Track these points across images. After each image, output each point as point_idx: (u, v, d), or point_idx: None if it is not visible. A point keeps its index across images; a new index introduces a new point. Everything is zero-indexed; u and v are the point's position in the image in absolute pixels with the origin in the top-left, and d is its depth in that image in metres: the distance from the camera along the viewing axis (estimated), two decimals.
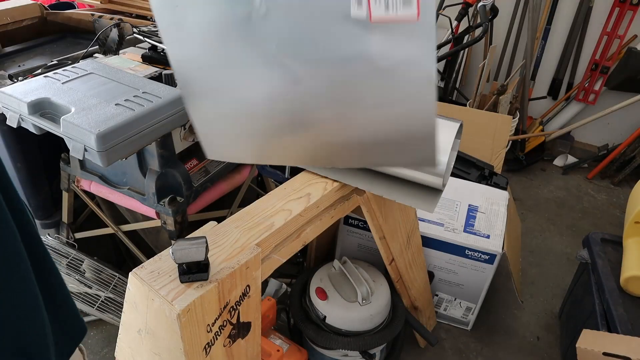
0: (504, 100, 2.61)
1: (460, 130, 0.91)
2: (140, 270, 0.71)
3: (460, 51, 3.08)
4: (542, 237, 2.39)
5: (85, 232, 1.61)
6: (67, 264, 1.51)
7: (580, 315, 1.64)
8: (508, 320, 1.90)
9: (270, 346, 1.31)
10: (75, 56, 1.58)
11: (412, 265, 1.45)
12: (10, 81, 1.41)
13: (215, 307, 0.71)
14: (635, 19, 2.68)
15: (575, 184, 2.88)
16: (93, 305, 1.49)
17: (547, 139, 3.03)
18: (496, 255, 1.55)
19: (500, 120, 2.19)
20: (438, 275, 1.70)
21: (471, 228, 1.61)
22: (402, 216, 1.28)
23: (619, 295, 1.43)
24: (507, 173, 2.87)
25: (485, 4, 2.27)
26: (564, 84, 3.07)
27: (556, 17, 2.90)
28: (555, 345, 1.80)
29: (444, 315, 1.84)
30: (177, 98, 1.18)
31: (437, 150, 0.64)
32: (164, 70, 1.38)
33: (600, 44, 2.84)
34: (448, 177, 0.95)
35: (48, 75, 1.24)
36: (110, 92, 1.18)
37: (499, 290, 1.98)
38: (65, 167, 1.44)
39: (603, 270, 1.52)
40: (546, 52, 3.01)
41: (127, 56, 1.52)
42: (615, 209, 2.63)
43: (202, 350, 0.71)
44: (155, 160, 1.25)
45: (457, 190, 1.78)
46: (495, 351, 1.77)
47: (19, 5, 1.97)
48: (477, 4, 2.40)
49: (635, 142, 2.77)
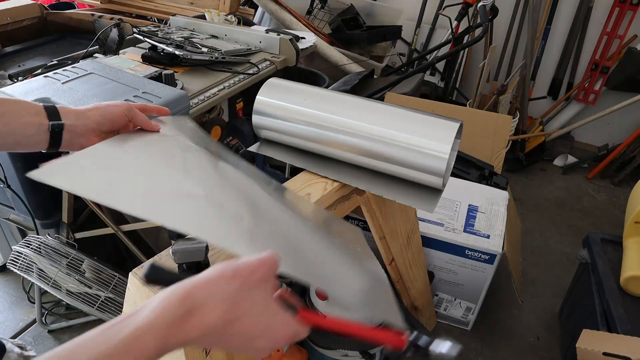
0: (504, 100, 2.61)
1: (460, 130, 0.91)
2: (140, 270, 0.71)
3: (460, 51, 3.08)
4: (542, 237, 2.39)
5: (85, 232, 1.60)
6: (67, 264, 1.51)
7: (580, 315, 1.64)
8: (508, 320, 1.90)
9: None
10: (75, 56, 1.58)
11: (412, 265, 1.45)
12: (10, 81, 1.40)
13: None
14: (635, 19, 2.68)
15: (575, 184, 2.88)
16: (93, 305, 1.49)
17: (547, 139, 3.03)
18: (496, 255, 1.55)
19: (500, 120, 2.19)
20: (438, 275, 1.70)
21: (471, 228, 1.61)
22: (402, 216, 1.28)
23: (619, 295, 1.43)
24: (507, 173, 2.86)
25: (485, 4, 2.27)
26: (564, 84, 3.07)
27: (556, 17, 2.90)
28: (555, 345, 1.80)
29: (444, 315, 1.84)
30: (177, 98, 1.18)
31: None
32: (164, 70, 1.38)
33: (600, 44, 2.84)
34: (448, 177, 0.95)
35: (48, 75, 1.24)
36: (110, 92, 1.18)
37: (499, 290, 1.98)
38: None
39: (603, 270, 1.52)
40: (546, 52, 3.01)
41: (127, 56, 1.52)
42: (615, 209, 2.63)
43: (202, 351, 0.71)
44: None
45: (457, 190, 1.78)
46: (495, 351, 1.77)
47: (19, 5, 1.97)
48: (477, 4, 2.39)
49: (635, 142, 2.76)
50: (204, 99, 1.36)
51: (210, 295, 0.43)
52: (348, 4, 3.06)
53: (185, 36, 1.62)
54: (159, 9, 2.23)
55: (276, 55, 1.67)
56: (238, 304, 0.44)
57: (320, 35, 2.80)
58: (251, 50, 1.66)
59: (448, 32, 2.85)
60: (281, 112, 1.00)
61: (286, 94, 1.01)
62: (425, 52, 2.90)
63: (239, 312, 0.44)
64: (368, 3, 3.21)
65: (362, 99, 1.00)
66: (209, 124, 1.44)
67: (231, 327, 0.44)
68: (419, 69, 2.42)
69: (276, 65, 1.63)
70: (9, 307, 1.79)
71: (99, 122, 0.68)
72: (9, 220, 1.67)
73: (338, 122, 0.95)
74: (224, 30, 1.75)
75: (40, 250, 1.51)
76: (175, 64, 1.47)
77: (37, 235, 1.54)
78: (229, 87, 1.44)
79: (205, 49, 1.52)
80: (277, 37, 1.68)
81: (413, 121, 0.92)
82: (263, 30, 1.82)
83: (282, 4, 2.69)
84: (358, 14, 3.01)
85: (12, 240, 1.77)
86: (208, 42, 1.63)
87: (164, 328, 0.40)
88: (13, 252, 1.53)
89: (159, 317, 0.40)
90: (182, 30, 1.73)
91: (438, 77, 3.25)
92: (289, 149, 1.05)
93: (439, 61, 2.76)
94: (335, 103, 0.98)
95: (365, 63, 2.77)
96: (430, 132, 0.89)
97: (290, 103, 0.99)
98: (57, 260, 1.50)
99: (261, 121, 1.02)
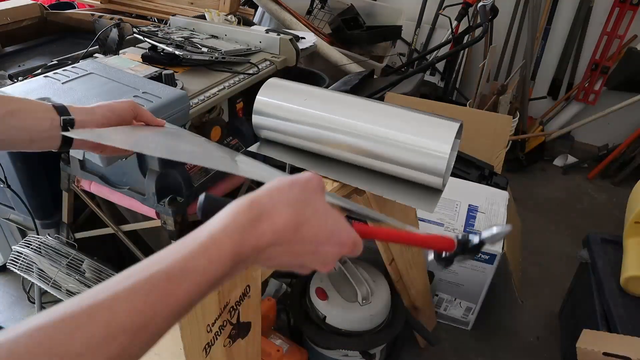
0: (504, 100, 2.61)
1: (461, 130, 0.91)
2: None
3: (460, 51, 3.08)
4: (542, 237, 2.39)
5: (85, 232, 1.60)
6: (67, 264, 1.51)
7: (580, 315, 1.64)
8: (508, 320, 1.90)
9: (270, 346, 1.32)
10: (75, 56, 1.58)
11: (412, 265, 1.45)
12: (10, 81, 1.40)
13: (215, 307, 0.71)
14: (635, 19, 2.68)
15: (575, 184, 2.88)
16: None
17: (547, 139, 3.03)
18: (496, 255, 1.55)
19: (500, 120, 2.19)
20: (438, 275, 1.70)
21: (471, 228, 1.61)
22: (402, 216, 1.28)
23: (619, 295, 1.43)
24: (507, 173, 2.86)
25: (485, 4, 2.27)
26: (564, 84, 3.07)
27: (556, 17, 2.90)
28: (555, 345, 1.80)
29: (444, 315, 1.84)
30: (177, 98, 1.18)
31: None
32: (164, 70, 1.38)
33: (600, 44, 2.84)
34: (448, 177, 0.95)
35: (48, 75, 1.24)
36: (110, 92, 1.17)
37: (499, 290, 1.98)
38: (66, 167, 1.44)
39: (603, 270, 1.52)
40: (546, 52, 3.01)
41: (127, 56, 1.52)
42: (615, 209, 2.63)
43: (202, 351, 0.71)
44: (155, 160, 1.25)
45: (457, 190, 1.78)
46: (495, 351, 1.77)
47: (19, 5, 1.97)
48: (477, 4, 2.39)
49: (635, 142, 2.76)
50: (204, 99, 1.36)
51: (276, 201, 0.44)
52: (348, 4, 3.06)
53: (185, 36, 1.62)
54: (159, 9, 2.23)
55: (276, 55, 1.67)
56: (303, 209, 0.45)
57: (320, 35, 2.80)
58: (251, 50, 1.65)
59: (448, 32, 2.85)
60: (281, 112, 0.99)
61: (286, 94, 1.01)
62: (425, 52, 2.90)
63: (304, 216, 0.45)
64: (368, 3, 3.20)
65: (362, 99, 1.00)
66: (209, 124, 1.44)
67: (300, 232, 0.44)
68: (419, 69, 2.43)
69: (276, 65, 1.63)
70: (9, 307, 1.80)
71: (107, 117, 0.69)
72: (9, 220, 1.67)
73: (338, 122, 0.95)
74: (224, 30, 1.75)
75: (40, 250, 1.51)
76: (175, 64, 1.47)
77: (37, 235, 1.54)
78: (229, 87, 1.44)
79: (205, 49, 1.52)
80: (277, 37, 1.68)
81: (413, 121, 0.92)
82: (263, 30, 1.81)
83: (282, 4, 2.69)
84: (358, 14, 3.01)
85: (12, 240, 1.77)
86: (208, 42, 1.63)
87: (238, 232, 0.41)
88: (13, 252, 1.53)
89: (231, 223, 0.42)
90: (182, 30, 1.73)
91: (438, 77, 3.25)
92: (289, 149, 1.05)
93: (439, 61, 2.76)
94: (335, 103, 0.98)
95: (365, 63, 2.77)
96: (430, 132, 0.89)
97: (290, 103, 0.99)
98: (57, 260, 1.50)
99: (261, 121, 1.02)
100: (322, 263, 0.47)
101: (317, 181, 0.48)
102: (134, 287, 0.35)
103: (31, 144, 0.65)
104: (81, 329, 0.32)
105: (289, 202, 0.45)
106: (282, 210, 0.44)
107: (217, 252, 0.40)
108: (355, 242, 0.48)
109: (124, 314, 0.34)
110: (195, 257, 0.39)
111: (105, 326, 0.33)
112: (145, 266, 0.37)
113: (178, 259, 0.38)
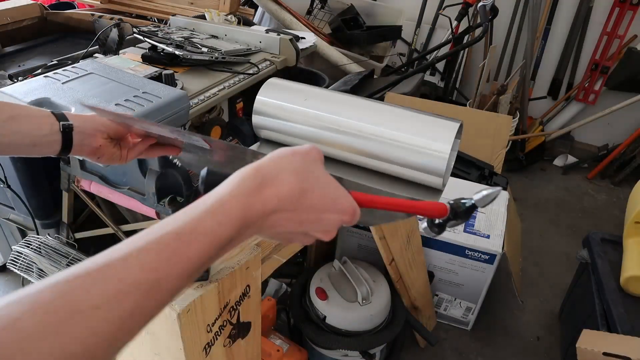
0: (504, 100, 2.61)
1: (461, 130, 0.91)
2: None
3: (460, 51, 3.08)
4: (542, 237, 2.39)
5: (85, 232, 1.60)
6: (67, 264, 1.51)
7: (580, 315, 1.64)
8: (508, 320, 1.90)
9: (270, 346, 1.31)
10: (75, 56, 1.58)
11: (412, 265, 1.45)
12: (10, 81, 1.40)
13: (215, 307, 0.71)
14: (635, 19, 2.68)
15: (575, 184, 2.88)
16: None
17: (547, 139, 3.03)
18: (496, 255, 1.55)
19: (500, 120, 2.19)
20: (438, 275, 1.70)
21: (471, 228, 1.61)
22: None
23: (619, 295, 1.43)
24: (507, 173, 2.86)
25: (485, 4, 2.27)
26: (564, 84, 3.07)
27: (556, 17, 2.90)
28: (555, 345, 1.80)
29: (444, 315, 1.84)
30: (177, 98, 1.18)
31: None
32: (164, 70, 1.38)
33: (600, 44, 2.84)
34: (448, 177, 0.95)
35: (48, 75, 1.24)
36: (110, 92, 1.18)
37: (499, 290, 1.98)
38: (65, 167, 1.44)
39: (603, 270, 1.52)
40: (546, 52, 3.01)
41: (127, 56, 1.52)
42: (615, 209, 2.63)
43: (202, 350, 0.71)
44: (155, 160, 1.25)
45: (457, 190, 1.77)
46: (495, 351, 1.77)
47: (19, 5, 1.97)
48: (477, 4, 2.39)
49: (635, 142, 2.76)
50: (204, 99, 1.36)
51: (280, 169, 0.45)
52: (348, 4, 3.06)
53: (185, 36, 1.62)
54: (159, 9, 2.23)
55: (276, 55, 1.67)
56: (306, 176, 0.46)
57: (320, 35, 2.80)
58: (251, 50, 1.66)
59: (448, 32, 2.85)
60: (281, 112, 1.00)
61: (286, 94, 1.01)
62: (425, 52, 2.90)
63: (308, 183, 0.46)
64: (368, 3, 3.20)
65: (362, 99, 1.00)
66: (209, 124, 1.44)
67: (304, 199, 0.45)
68: (419, 69, 2.42)
69: (276, 65, 1.63)
70: None
71: (105, 124, 0.70)
72: (9, 220, 1.67)
73: (338, 122, 0.95)
74: (224, 30, 1.75)
75: (40, 250, 1.51)
76: (175, 64, 1.47)
77: (37, 235, 1.54)
78: (229, 87, 1.44)
79: (205, 49, 1.52)
80: (277, 37, 1.68)
81: (413, 121, 0.92)
82: (263, 30, 1.82)
83: (282, 4, 2.69)
84: (358, 14, 3.01)
85: (12, 240, 1.77)
86: (208, 42, 1.63)
87: (245, 196, 0.43)
88: (13, 252, 1.53)
89: (237, 187, 0.43)
90: (182, 30, 1.73)
91: (438, 77, 3.24)
92: None
93: (439, 61, 2.76)
94: (335, 103, 0.98)
95: (365, 63, 2.77)
96: (430, 132, 0.89)
97: (290, 103, 0.99)
98: (57, 260, 1.50)
99: (261, 121, 1.02)
100: (325, 231, 0.49)
101: (317, 152, 0.50)
102: (146, 246, 0.37)
103: (33, 149, 0.67)
104: (97, 283, 0.34)
105: (293, 170, 0.46)
106: (286, 178, 0.45)
107: (226, 215, 0.41)
108: (354, 209, 0.49)
109: (136, 271, 0.36)
110: (205, 219, 0.40)
111: (119, 281, 0.35)
112: (156, 229, 0.39)
113: (187, 221, 0.40)
